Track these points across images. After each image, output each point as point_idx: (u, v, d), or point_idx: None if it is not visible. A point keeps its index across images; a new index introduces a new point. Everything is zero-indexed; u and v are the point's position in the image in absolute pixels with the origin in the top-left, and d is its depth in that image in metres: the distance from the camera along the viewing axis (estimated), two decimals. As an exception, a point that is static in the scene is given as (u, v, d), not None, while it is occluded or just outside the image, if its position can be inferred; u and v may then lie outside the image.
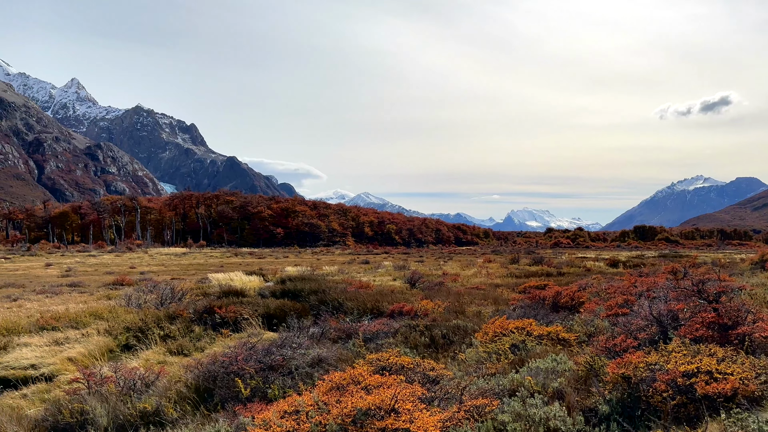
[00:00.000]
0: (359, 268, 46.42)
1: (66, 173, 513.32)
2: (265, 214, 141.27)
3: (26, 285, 31.29)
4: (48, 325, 14.74)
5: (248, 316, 16.19)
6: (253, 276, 35.35)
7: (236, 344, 10.63)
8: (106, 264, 54.46)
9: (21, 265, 52.17)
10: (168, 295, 19.45)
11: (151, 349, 12.88)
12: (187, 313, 16.23)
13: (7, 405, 8.83)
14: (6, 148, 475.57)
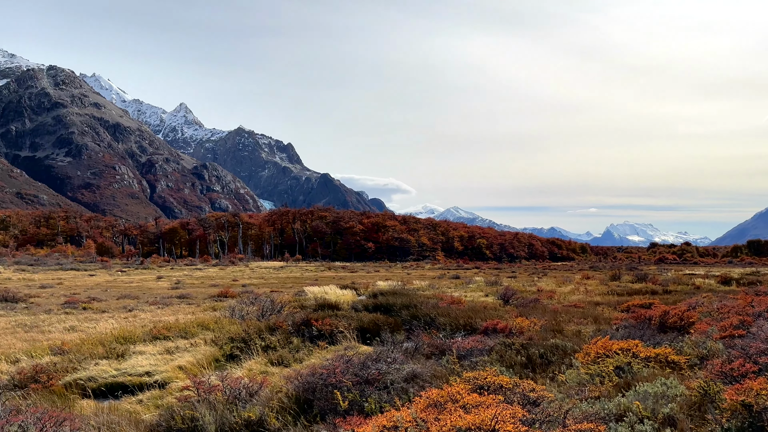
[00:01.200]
0: (449, 283, 46.08)
1: (175, 192, 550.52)
2: (357, 229, 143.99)
3: (140, 296, 33.72)
4: (160, 335, 15.80)
5: (343, 329, 16.52)
6: (346, 290, 36.10)
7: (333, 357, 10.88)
8: (211, 277, 57.62)
9: (135, 277, 56.32)
10: (268, 307, 20.26)
11: (253, 359, 13.46)
12: (286, 325, 16.82)
13: (125, 410, 9.54)
14: (122, 169, 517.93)
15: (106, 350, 13.40)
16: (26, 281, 48.16)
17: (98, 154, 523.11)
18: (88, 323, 20.34)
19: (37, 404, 8.26)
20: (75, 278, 53.42)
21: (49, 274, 58.96)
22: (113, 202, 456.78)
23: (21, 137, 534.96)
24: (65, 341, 15.15)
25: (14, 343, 15.84)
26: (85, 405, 9.65)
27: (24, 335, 17.74)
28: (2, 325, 20.08)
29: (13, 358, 13.34)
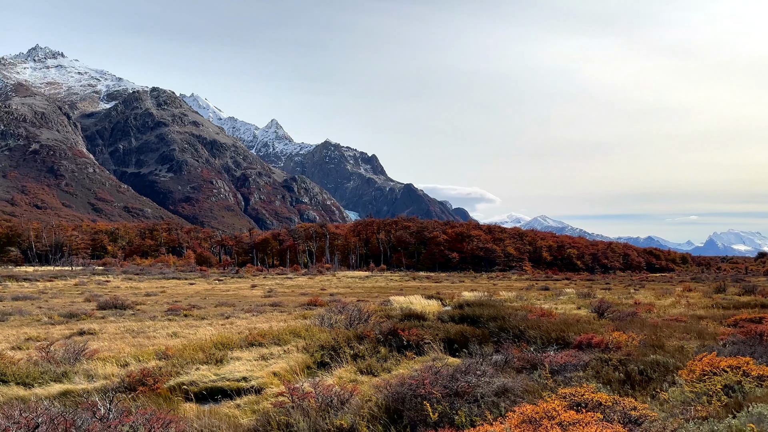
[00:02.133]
0: (538, 294, 44.77)
1: (267, 204, 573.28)
2: (441, 239, 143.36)
3: (236, 304, 35.28)
4: (255, 342, 16.44)
5: (430, 340, 16.47)
6: (431, 300, 35.98)
7: (421, 367, 10.86)
8: (300, 286, 59.35)
9: (231, 286, 59.02)
10: (356, 316, 20.57)
11: (342, 367, 13.70)
12: (374, 334, 17.00)
13: (224, 414, 10.00)
14: (219, 183, 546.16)
15: (206, 356, 14.12)
16: (133, 289, 51.74)
17: (197, 170, 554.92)
18: (189, 330, 21.53)
19: (145, 406, 8.83)
20: (176, 287, 56.77)
21: (153, 283, 63.01)
22: (210, 214, 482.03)
23: (128, 155, 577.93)
24: (169, 346, 16.11)
25: (123, 348, 17.03)
26: (187, 408, 10.21)
27: (132, 340, 19.05)
28: (112, 331, 21.67)
29: (122, 361, 14.34)
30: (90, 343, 16.06)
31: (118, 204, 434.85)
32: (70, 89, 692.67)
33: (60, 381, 11.89)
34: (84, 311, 28.25)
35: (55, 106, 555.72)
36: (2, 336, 19.63)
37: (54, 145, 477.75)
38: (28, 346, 17.15)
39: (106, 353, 15.40)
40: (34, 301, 36.46)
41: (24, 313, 27.85)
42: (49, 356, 13.60)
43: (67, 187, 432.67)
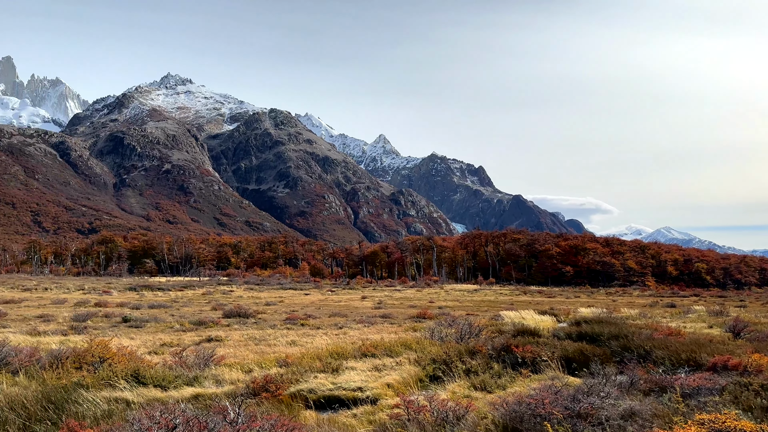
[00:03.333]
0: (663, 311, 41.73)
1: (375, 217, 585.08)
2: (553, 251, 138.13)
3: (348, 315, 36.18)
4: (368, 352, 16.74)
5: (546, 357, 15.87)
6: (544, 316, 34.68)
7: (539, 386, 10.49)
8: (409, 298, 59.74)
9: (343, 297, 60.66)
10: (466, 330, 20.32)
11: (455, 382, 13.57)
12: (486, 349, 16.68)
13: (342, 423, 10.25)
14: (331, 197, 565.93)
15: (322, 364, 14.60)
16: (254, 299, 54.72)
17: (310, 185, 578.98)
18: (306, 338, 22.37)
19: (270, 412, 9.26)
20: (293, 297, 59.31)
21: (272, 293, 66.27)
22: (323, 227, 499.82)
23: (248, 172, 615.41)
24: (288, 354, 16.83)
25: (247, 355, 18.02)
26: (307, 415, 10.58)
27: (254, 347, 20.11)
28: (237, 338, 23.01)
29: (246, 368, 15.17)
30: (217, 349, 17.17)
31: (240, 218, 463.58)
32: (197, 113, 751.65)
33: (192, 385, 12.80)
34: (211, 319, 30.28)
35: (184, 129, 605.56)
36: (140, 341, 21.51)
37: (184, 165, 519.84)
38: (163, 351, 18.65)
39: (232, 359, 16.37)
40: (167, 309, 39.64)
41: (159, 320, 30.35)
42: (182, 361, 14.70)
43: (195, 203, 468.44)
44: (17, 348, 15.16)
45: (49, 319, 30.66)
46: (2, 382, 12.26)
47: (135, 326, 27.37)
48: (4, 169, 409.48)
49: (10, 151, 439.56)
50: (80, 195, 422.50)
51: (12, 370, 13.69)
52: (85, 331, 24.37)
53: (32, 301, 45.68)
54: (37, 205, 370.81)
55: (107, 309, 37.47)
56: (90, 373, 12.92)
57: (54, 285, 75.09)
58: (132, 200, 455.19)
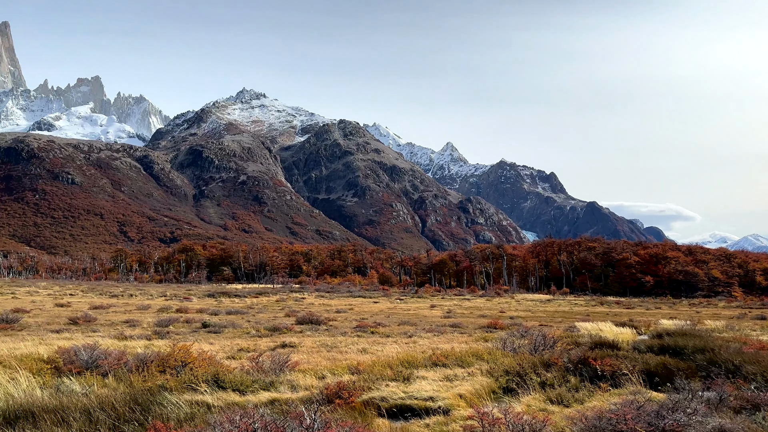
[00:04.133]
0: (753, 324, 39.05)
1: (443, 225, 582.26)
2: (631, 260, 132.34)
3: (417, 324, 36.11)
4: (439, 362, 16.63)
5: (626, 371, 15.20)
6: (623, 328, 33.24)
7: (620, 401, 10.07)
8: (478, 307, 58.93)
9: (411, 305, 60.63)
10: (540, 341, 19.79)
11: (530, 394, 13.24)
12: (561, 361, 16.18)
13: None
14: (398, 206, 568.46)
15: (393, 373, 14.63)
16: (325, 306, 55.66)
17: (378, 194, 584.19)
18: (376, 346, 22.50)
19: (344, 419, 9.37)
20: (362, 304, 59.87)
21: (342, 300, 67.17)
22: (391, 236, 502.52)
23: (319, 182, 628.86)
24: (360, 362, 16.99)
25: (319, 361, 18.34)
26: (380, 423, 10.63)
27: (326, 354, 20.43)
28: (309, 345, 23.46)
29: (319, 374, 15.43)
30: (291, 355, 17.55)
31: (311, 227, 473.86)
32: (270, 126, 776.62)
33: (268, 390, 13.16)
34: (285, 325, 31.05)
35: (258, 142, 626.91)
36: (219, 346, 22.33)
37: (258, 176, 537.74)
38: (241, 356, 19.27)
39: (305, 365, 16.71)
40: (244, 316, 40.99)
41: (236, 326, 31.42)
42: (258, 366, 15.13)
43: (269, 213, 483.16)
44: (107, 351, 16.09)
45: (134, 324, 32.40)
46: (93, 384, 13.05)
47: (214, 332, 28.46)
48: (93, 182, 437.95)
49: (99, 165, 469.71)
50: (162, 206, 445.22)
51: (102, 372, 14.55)
52: (168, 336, 25.58)
53: (119, 307, 48.43)
54: (123, 216, 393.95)
55: (188, 315, 39.18)
56: (173, 376, 13.53)
57: (138, 291, 79.35)
58: (210, 210, 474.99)
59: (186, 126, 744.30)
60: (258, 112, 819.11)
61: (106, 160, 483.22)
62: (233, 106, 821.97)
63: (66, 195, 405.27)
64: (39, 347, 18.93)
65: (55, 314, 38.84)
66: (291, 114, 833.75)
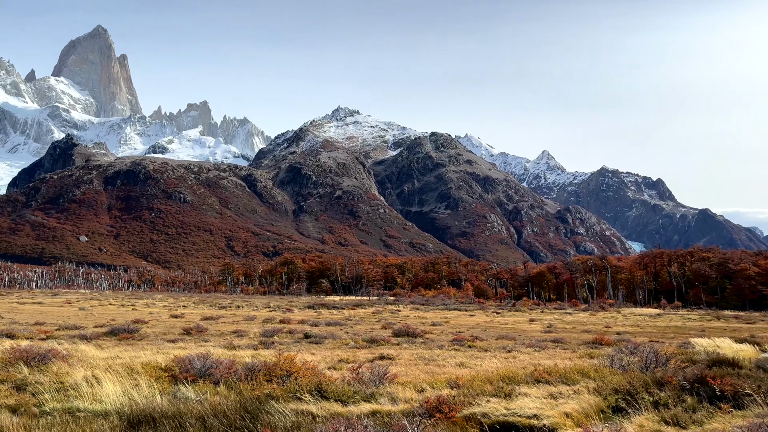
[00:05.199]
0: None
1: (540, 236, 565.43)
2: (751, 271, 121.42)
3: (516, 338, 35.17)
4: (541, 378, 16.09)
5: (750, 391, 13.95)
6: (744, 344, 30.56)
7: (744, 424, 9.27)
8: (581, 322, 56.47)
9: (509, 319, 59.20)
10: (651, 359, 18.63)
11: (642, 414, 12.48)
12: (676, 380, 15.12)
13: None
14: (492, 217, 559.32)
15: (494, 388, 14.33)
16: (420, 319, 55.66)
17: (471, 206, 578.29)
18: (474, 360, 22.17)
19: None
20: (458, 317, 59.27)
21: (437, 313, 66.86)
22: (485, 248, 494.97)
23: (411, 195, 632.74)
24: (458, 376, 16.81)
25: (418, 374, 18.34)
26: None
27: (424, 367, 20.40)
28: (407, 357, 23.54)
29: (419, 387, 15.43)
30: (390, 367, 17.70)
31: (404, 240, 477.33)
32: (364, 141, 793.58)
33: (369, 401, 13.34)
34: (382, 337, 31.36)
35: (353, 157, 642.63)
36: (320, 357, 22.94)
37: (353, 191, 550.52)
38: (341, 367, 19.69)
39: (404, 378, 16.77)
40: (342, 327, 41.87)
41: (335, 337, 32.15)
42: (359, 377, 15.38)
43: (363, 226, 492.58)
44: (218, 360, 17.01)
45: (241, 334, 34.05)
46: (206, 392, 13.83)
47: (315, 342, 29.30)
48: (203, 200, 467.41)
49: (208, 185, 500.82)
50: (265, 221, 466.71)
51: (214, 381, 15.39)
52: (273, 346, 26.65)
53: (227, 318, 51.12)
54: (229, 232, 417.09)
55: (290, 326, 40.63)
56: (279, 385, 14.07)
57: (245, 303, 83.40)
58: (309, 225, 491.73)
59: (286, 145, 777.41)
60: (352, 129, 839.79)
61: (214, 179, 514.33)
62: (329, 124, 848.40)
63: (179, 213, 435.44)
64: (157, 356, 20.37)
65: (171, 325, 41.63)
66: (383, 129, 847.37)
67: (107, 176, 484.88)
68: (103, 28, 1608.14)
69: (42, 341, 25.39)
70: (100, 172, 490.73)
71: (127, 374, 15.08)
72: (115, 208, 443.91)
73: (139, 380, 14.17)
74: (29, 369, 15.79)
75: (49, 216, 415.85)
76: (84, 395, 13.04)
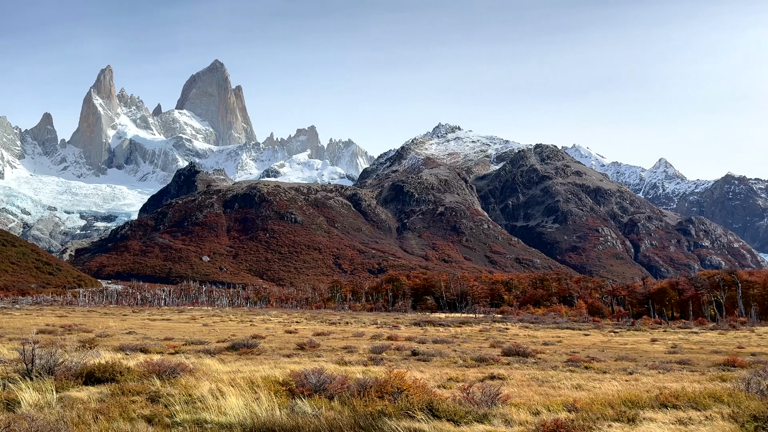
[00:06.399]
0: None
1: (659, 250, 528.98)
2: None
3: (637, 359, 33.04)
4: (668, 402, 14.98)
5: None
6: None
7: None
8: (710, 342, 52.00)
9: (628, 339, 55.73)
10: (797, 385, 16.75)
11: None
12: (830, 411, 13.45)
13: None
14: (605, 230, 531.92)
15: (615, 412, 13.53)
16: (530, 337, 53.88)
17: (581, 219, 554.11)
18: (592, 383, 21.09)
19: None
20: (571, 337, 56.71)
21: (548, 332, 64.40)
22: (598, 263, 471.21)
23: (516, 210, 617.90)
24: (576, 399, 16.05)
25: (531, 396, 17.76)
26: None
27: (537, 388, 19.71)
28: (518, 377, 22.86)
29: (533, 409, 14.90)
30: (501, 388, 17.29)
31: (509, 256, 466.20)
32: (465, 156, 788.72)
33: (481, 422, 13.08)
34: (491, 356, 30.72)
35: (454, 173, 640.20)
36: (429, 374, 22.88)
37: (455, 207, 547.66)
38: (451, 386, 19.50)
39: (516, 399, 16.29)
40: (449, 345, 41.51)
41: (443, 354, 31.94)
42: (469, 397, 15.14)
43: (466, 242, 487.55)
44: (331, 376, 17.48)
45: (351, 350, 34.78)
46: (321, 407, 14.23)
47: (422, 360, 29.28)
48: (312, 220, 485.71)
49: (316, 205, 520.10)
50: (370, 239, 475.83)
51: (328, 396, 15.81)
52: (382, 363, 26.97)
53: (337, 334, 52.45)
54: (337, 250, 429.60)
55: (397, 342, 40.92)
56: (390, 402, 14.19)
57: (353, 319, 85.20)
58: (412, 242, 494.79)
59: (388, 164, 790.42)
60: (453, 145, 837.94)
61: (322, 199, 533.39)
62: (430, 141, 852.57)
63: (290, 233, 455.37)
64: (274, 370, 21.30)
65: (285, 340, 43.41)
66: (485, 143, 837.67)
67: (226, 200, 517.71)
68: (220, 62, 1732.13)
69: (171, 355, 27.43)
70: (219, 196, 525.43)
71: (248, 388, 15.89)
72: (233, 230, 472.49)
73: (259, 394, 14.87)
74: (161, 382, 17.08)
75: (175, 238, 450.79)
76: (210, 407, 13.89)
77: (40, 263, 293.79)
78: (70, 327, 52.39)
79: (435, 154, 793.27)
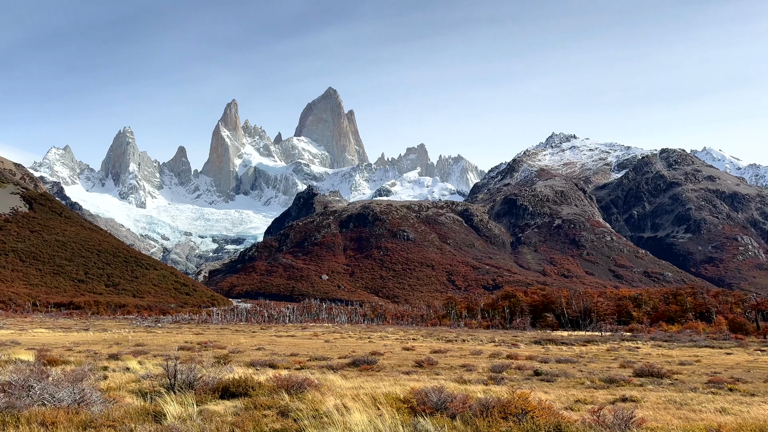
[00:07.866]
0: None
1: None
2: None
3: (793, 382, 29.57)
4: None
5: None
6: None
7: None
8: None
9: (780, 359, 50.00)
10: None
11: None
12: None
13: None
14: (744, 239, 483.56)
15: (771, 442, 12.23)
16: (664, 357, 50.01)
17: (717, 227, 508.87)
18: (739, 406, 19.19)
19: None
20: (711, 356, 51.95)
21: (684, 351, 59.45)
22: (738, 274, 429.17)
23: (642, 220, 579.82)
24: (721, 423, 14.69)
25: (669, 420, 16.49)
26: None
27: (675, 412, 18.26)
28: (653, 400, 21.31)
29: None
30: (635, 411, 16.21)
31: (637, 269, 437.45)
32: (583, 166, 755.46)
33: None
34: (621, 377, 28.91)
35: (571, 184, 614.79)
36: (554, 396, 21.98)
37: (573, 219, 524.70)
38: (578, 408, 18.60)
39: (653, 423, 15.22)
40: (574, 365, 39.61)
41: (568, 375, 30.54)
42: (600, 420, 14.36)
43: (587, 256, 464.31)
44: (452, 394, 17.36)
45: (470, 368, 34.29)
46: (444, 426, 14.17)
47: (546, 380, 28.20)
48: (424, 237, 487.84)
49: (427, 222, 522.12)
50: (483, 255, 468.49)
51: (449, 414, 15.71)
52: (503, 382, 26.33)
53: (454, 352, 51.98)
54: (450, 266, 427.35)
55: (518, 361, 39.75)
56: (515, 423, 13.82)
57: (469, 337, 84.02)
58: (528, 257, 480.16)
59: (499, 178, 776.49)
60: (569, 154, 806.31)
61: (433, 216, 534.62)
62: (543, 152, 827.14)
63: (403, 250, 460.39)
64: (395, 387, 21.55)
65: (403, 357, 43.74)
66: (604, 151, 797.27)
67: (341, 220, 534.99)
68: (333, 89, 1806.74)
69: (297, 371, 28.67)
70: (335, 216, 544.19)
71: (371, 404, 16.21)
72: (349, 249, 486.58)
73: (382, 410, 15.13)
74: (289, 396, 17.91)
75: (296, 258, 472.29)
76: (336, 423, 14.34)
77: (178, 284, 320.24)
78: (206, 344, 56.48)
79: (549, 165, 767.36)
